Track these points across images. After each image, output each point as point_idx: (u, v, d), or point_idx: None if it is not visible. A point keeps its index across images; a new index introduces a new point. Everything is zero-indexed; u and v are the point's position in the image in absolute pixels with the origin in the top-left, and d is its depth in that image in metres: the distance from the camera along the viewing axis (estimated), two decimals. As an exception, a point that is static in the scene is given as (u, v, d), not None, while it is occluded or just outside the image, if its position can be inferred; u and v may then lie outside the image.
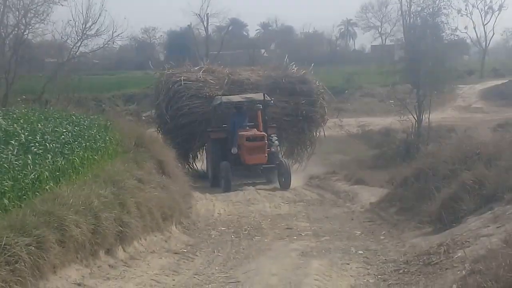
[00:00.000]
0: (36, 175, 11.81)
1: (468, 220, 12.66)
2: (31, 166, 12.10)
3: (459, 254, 10.52)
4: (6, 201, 10.36)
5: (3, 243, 8.99)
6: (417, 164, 17.96)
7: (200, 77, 28.01)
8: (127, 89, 39.28)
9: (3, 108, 21.04)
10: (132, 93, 36.60)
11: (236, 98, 25.47)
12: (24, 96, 26.09)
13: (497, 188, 13.12)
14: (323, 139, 30.76)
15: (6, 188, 10.64)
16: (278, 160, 24.02)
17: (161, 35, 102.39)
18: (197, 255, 13.03)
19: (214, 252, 13.23)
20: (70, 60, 31.33)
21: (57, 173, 12.60)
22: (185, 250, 13.47)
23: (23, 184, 11.23)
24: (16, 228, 9.39)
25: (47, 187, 11.70)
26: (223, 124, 25.34)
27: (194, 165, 29.49)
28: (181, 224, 15.87)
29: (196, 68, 29.55)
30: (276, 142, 24.66)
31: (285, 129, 27.18)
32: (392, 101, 41.21)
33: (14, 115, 17.46)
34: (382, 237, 14.35)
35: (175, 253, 13.14)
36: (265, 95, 25.40)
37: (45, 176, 12.02)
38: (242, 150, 23.57)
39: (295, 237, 14.72)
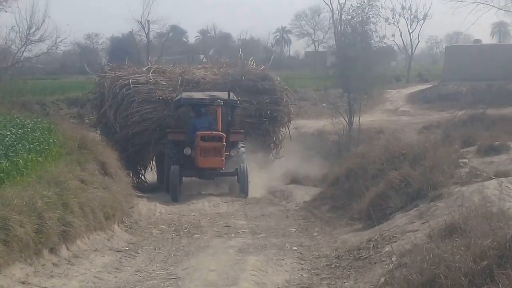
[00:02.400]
0: None
1: (395, 217, 12.99)
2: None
3: (387, 249, 10.76)
4: None
5: None
6: (348, 164, 18.24)
7: (150, 78, 24.60)
8: (71, 93, 38.67)
9: None
10: (75, 97, 35.90)
11: (198, 95, 22.57)
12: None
13: (422, 187, 13.53)
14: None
15: None
16: (238, 165, 20.63)
17: (103, 41, 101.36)
18: (138, 253, 13.01)
19: (155, 249, 13.25)
20: (14, 65, 31.07)
21: (1, 174, 12.50)
22: (127, 248, 13.44)
23: None
24: None
25: None
26: (186, 127, 22.13)
27: (144, 178, 25.86)
28: (123, 223, 15.82)
29: (144, 69, 26.34)
30: (243, 149, 21.67)
31: (248, 132, 23.46)
32: (325, 104, 41.76)
33: None
34: (315, 234, 14.50)
35: (118, 251, 13.10)
36: (230, 93, 22.08)
37: None
38: (196, 152, 20.33)
39: (233, 235, 14.78)
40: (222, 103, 21.43)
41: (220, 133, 20.59)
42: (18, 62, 30.78)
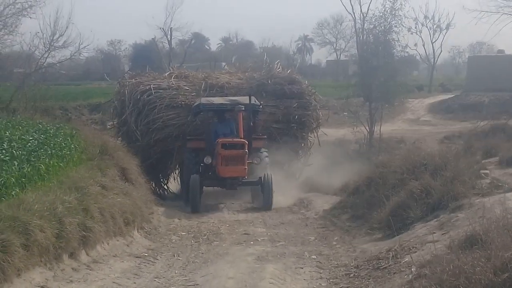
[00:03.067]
0: (3, 182, 11.76)
1: (415, 227, 12.83)
2: (-4, 172, 12.05)
3: (406, 259, 10.65)
4: None
5: None
6: (368, 173, 18.12)
7: (172, 83, 23.27)
8: (93, 99, 38.83)
9: None
10: (98, 103, 35.88)
11: (218, 100, 21.03)
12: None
13: (443, 197, 13.37)
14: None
15: None
16: (261, 175, 18.88)
17: (126, 48, 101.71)
18: (157, 259, 12.99)
19: (174, 256, 13.21)
20: (38, 71, 31.17)
21: (23, 179, 12.50)
22: (146, 254, 13.42)
23: None
24: None
25: (13, 193, 11.61)
26: (206, 135, 20.56)
27: (168, 187, 24.30)
28: (143, 229, 15.77)
29: (166, 74, 25.11)
30: (266, 159, 20.05)
31: (274, 138, 22.03)
32: (346, 113, 41.50)
33: None
34: (334, 243, 14.40)
35: (137, 257, 13.08)
36: (252, 97, 20.71)
37: (11, 182, 11.95)
38: (216, 159, 18.83)
39: (251, 242, 14.72)
40: (243, 108, 20.08)
41: (242, 140, 19.04)
42: (42, 68, 30.90)
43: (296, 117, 23.25)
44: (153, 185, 22.40)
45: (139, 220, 15.52)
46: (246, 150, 18.66)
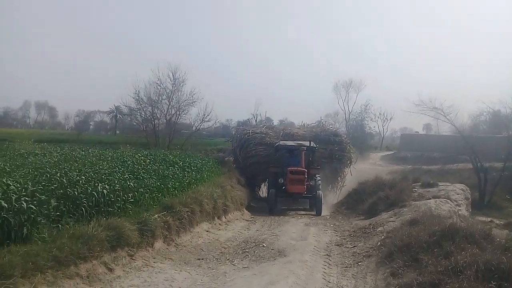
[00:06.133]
0: (188, 181, 12.40)
1: (381, 214, 12.96)
2: (186, 177, 12.90)
3: (379, 229, 10.83)
4: (176, 192, 11.12)
5: (177, 209, 9.73)
6: (355, 187, 18.02)
7: (263, 131, 21.46)
8: (219, 145, 39.32)
9: (168, 150, 21.81)
10: (221, 147, 36.35)
11: (289, 142, 19.02)
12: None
13: (395, 200, 13.54)
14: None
15: (176, 185, 11.28)
16: (315, 192, 16.51)
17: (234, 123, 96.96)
18: (256, 222, 13.29)
19: (264, 221, 13.46)
20: (194, 132, 32.47)
21: (197, 181, 13.14)
22: (250, 220, 13.76)
23: (183, 185, 11.87)
24: (182, 203, 9.92)
25: (193, 187, 12.21)
26: (281, 163, 18.05)
27: (258, 194, 21.29)
28: (248, 208, 15.80)
29: (260, 126, 23.11)
30: (319, 180, 17.32)
31: (323, 168, 19.18)
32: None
33: (172, 155, 17.70)
34: (340, 219, 14.41)
35: (247, 221, 13.44)
36: (311, 142, 18.71)
37: (192, 182, 12.63)
38: (286, 181, 16.62)
39: (299, 217, 14.75)
40: (305, 149, 18.10)
41: (303, 169, 16.88)
42: (196, 131, 32.08)
43: (337, 156, 20.87)
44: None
45: (245, 203, 15.60)
46: (305, 176, 16.57)
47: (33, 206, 6.25)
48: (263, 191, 20.92)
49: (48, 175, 8.90)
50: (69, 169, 9.93)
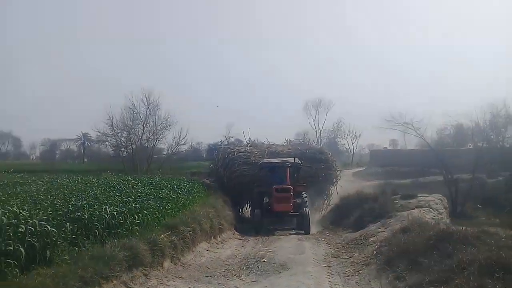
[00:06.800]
0: (182, 202, 12.55)
1: (369, 226, 13.27)
2: (179, 198, 13.04)
3: (371, 239, 11.20)
4: (173, 212, 11.35)
5: (180, 229, 10.00)
6: (343, 200, 18.29)
7: (247, 149, 20.89)
8: (192, 169, 38.99)
9: (149, 175, 21.44)
10: (194, 171, 36.15)
11: (273, 160, 18.55)
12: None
13: (380, 212, 13.94)
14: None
15: (169, 207, 11.42)
16: (301, 209, 15.74)
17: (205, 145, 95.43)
18: (249, 240, 13.41)
19: (257, 239, 13.56)
20: (169, 156, 32.64)
21: (190, 202, 13.33)
22: (243, 238, 13.85)
23: (177, 206, 11.99)
24: (183, 223, 10.19)
25: (188, 207, 12.45)
26: (265, 182, 17.25)
27: (243, 214, 20.42)
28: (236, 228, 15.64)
29: (244, 144, 22.74)
30: (306, 198, 16.56)
31: (308, 186, 18.21)
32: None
33: (157, 179, 17.62)
34: (328, 234, 14.56)
35: (240, 239, 13.60)
36: (296, 158, 18.28)
37: (186, 202, 12.82)
38: (272, 199, 15.84)
39: (291, 236, 14.50)
40: (289, 165, 17.45)
41: (289, 186, 16.19)
42: (173, 154, 32.30)
43: (323, 174, 20.43)
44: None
45: (234, 223, 15.55)
46: (291, 193, 15.87)
47: (54, 230, 6.38)
48: (247, 213, 20.43)
49: (48, 202, 8.93)
50: (64, 195, 9.97)
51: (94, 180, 16.24)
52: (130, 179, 15.85)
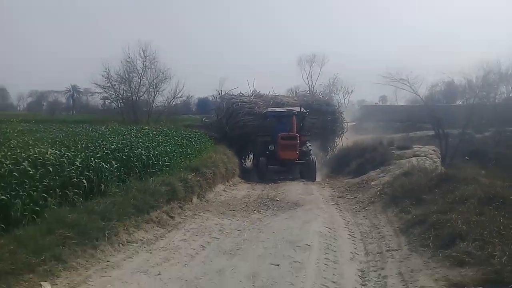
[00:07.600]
0: (199, 148, 13.43)
1: (370, 172, 14.06)
2: (195, 145, 13.72)
3: (373, 183, 12.05)
4: (193, 157, 12.12)
5: (203, 171, 10.74)
6: (342, 151, 19.48)
7: (251, 99, 20.17)
8: (186, 122, 39.16)
9: (152, 126, 20.82)
10: (188, 123, 36.11)
11: (278, 108, 18.26)
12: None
13: (381, 160, 14.80)
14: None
15: (193, 152, 12.35)
16: (308, 158, 15.93)
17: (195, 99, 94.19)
18: (257, 186, 13.92)
19: (264, 185, 14.05)
20: (167, 108, 32.95)
21: (202, 150, 13.97)
22: (250, 184, 14.41)
23: (195, 151, 12.89)
24: (204, 166, 10.97)
25: (203, 154, 13.13)
26: (271, 131, 17.18)
27: (245, 163, 19.65)
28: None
29: (249, 94, 21.30)
30: (310, 147, 16.53)
31: (315, 138, 18.28)
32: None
33: (166, 129, 17.85)
34: (328, 181, 15.31)
35: (249, 183, 14.31)
36: (301, 107, 17.81)
37: (197, 151, 13.29)
38: (277, 147, 15.88)
39: (296, 181, 15.09)
40: (296, 113, 17.25)
41: (295, 134, 16.17)
42: (169, 107, 32.62)
43: (329, 126, 20.25)
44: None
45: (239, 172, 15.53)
46: (298, 141, 15.84)
47: (107, 166, 7.14)
48: (249, 166, 19.99)
49: (78, 146, 9.37)
50: (88, 140, 10.47)
51: (103, 129, 16.63)
52: (146, 128, 16.30)
